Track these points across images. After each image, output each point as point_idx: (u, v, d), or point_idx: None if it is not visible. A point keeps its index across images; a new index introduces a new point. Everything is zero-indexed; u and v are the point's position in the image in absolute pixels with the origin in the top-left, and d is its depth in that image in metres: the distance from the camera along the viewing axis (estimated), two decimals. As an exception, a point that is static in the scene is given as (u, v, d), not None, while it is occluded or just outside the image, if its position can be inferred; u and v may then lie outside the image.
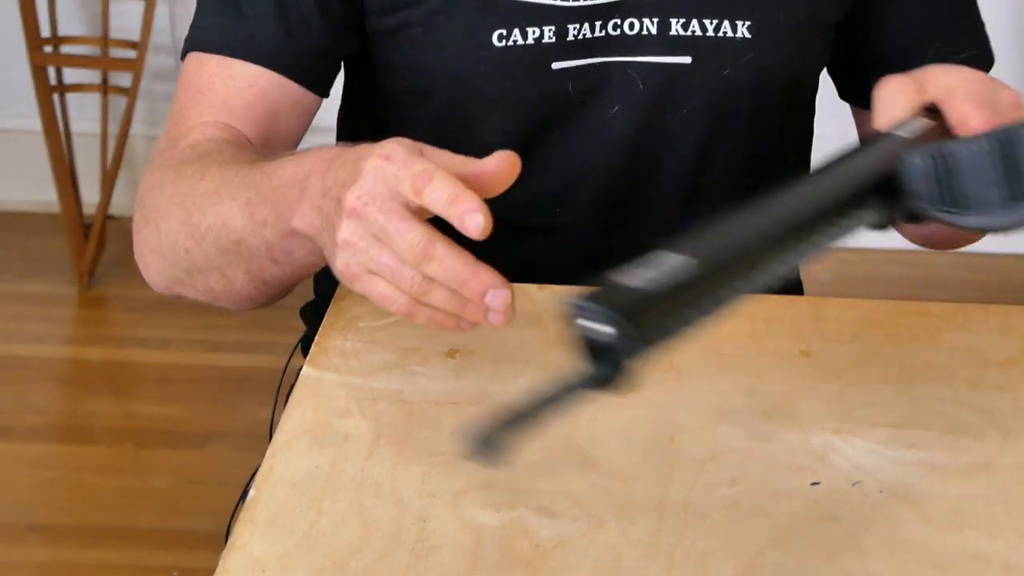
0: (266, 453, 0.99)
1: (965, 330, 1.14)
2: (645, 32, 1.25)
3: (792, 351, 1.11)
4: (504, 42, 1.24)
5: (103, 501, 2.36)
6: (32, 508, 2.35)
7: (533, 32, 1.24)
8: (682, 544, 0.91)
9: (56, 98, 2.90)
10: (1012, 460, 0.99)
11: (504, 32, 1.24)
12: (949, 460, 0.99)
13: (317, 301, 1.40)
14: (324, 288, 1.33)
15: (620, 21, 1.25)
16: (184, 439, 2.49)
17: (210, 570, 0.90)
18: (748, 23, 1.26)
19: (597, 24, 1.24)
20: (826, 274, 1.36)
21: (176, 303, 2.96)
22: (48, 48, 2.90)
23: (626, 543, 0.91)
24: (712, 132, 1.28)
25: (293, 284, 1.13)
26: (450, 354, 1.09)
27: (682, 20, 1.25)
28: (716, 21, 1.25)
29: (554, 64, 1.25)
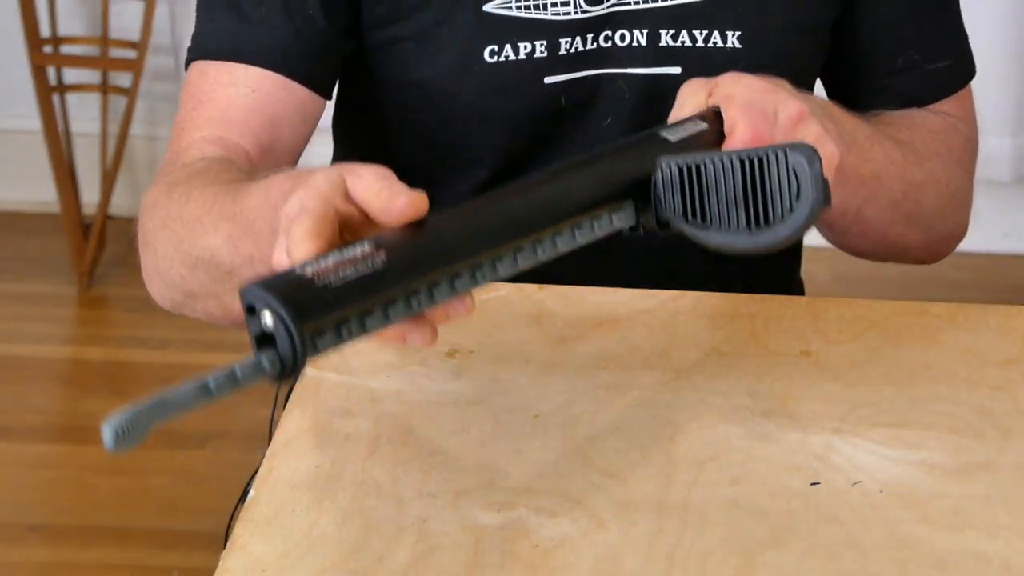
0: (266, 453, 0.99)
1: (965, 330, 1.14)
2: (635, 44, 1.25)
3: (792, 351, 1.11)
4: (496, 58, 1.23)
5: (103, 501, 2.36)
6: (32, 508, 2.35)
7: (525, 47, 1.23)
8: (682, 544, 0.90)
9: (56, 98, 2.90)
10: (1012, 460, 0.99)
11: (496, 48, 1.23)
12: (949, 460, 0.99)
13: None
14: None
15: (611, 33, 1.24)
16: (184, 439, 2.49)
17: (210, 570, 0.90)
18: (738, 33, 1.25)
19: (589, 37, 1.24)
20: (826, 274, 1.35)
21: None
22: (48, 48, 2.90)
23: (626, 543, 0.91)
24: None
25: None
26: (450, 354, 1.09)
27: (671, 31, 1.25)
28: (706, 32, 1.25)
29: (547, 78, 1.24)
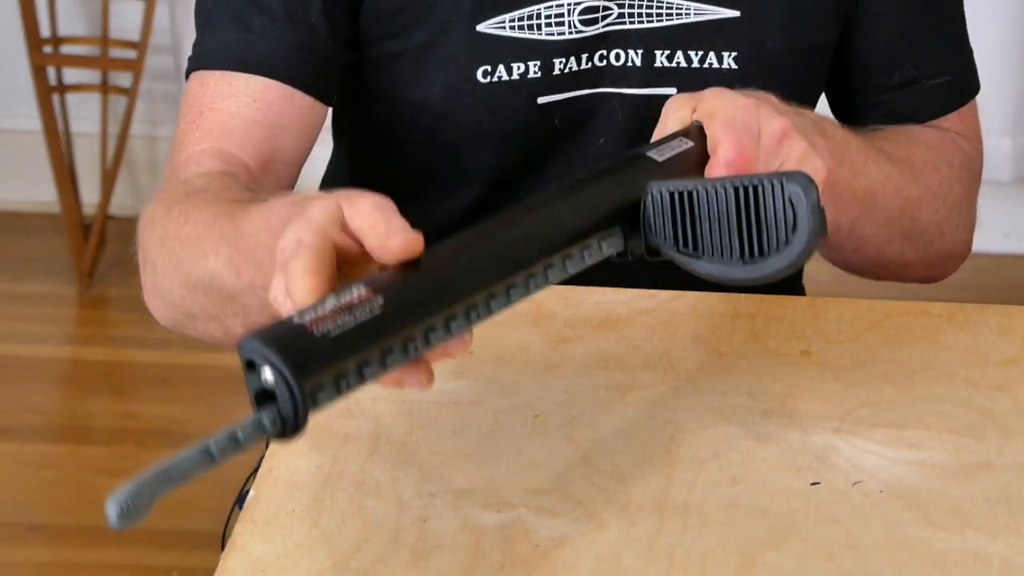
0: (266, 453, 0.99)
1: (965, 330, 1.14)
2: (630, 64, 1.24)
3: (792, 351, 1.11)
4: (489, 78, 1.23)
5: (103, 501, 2.35)
6: (32, 508, 2.35)
7: (518, 68, 1.23)
8: (682, 544, 0.91)
9: (56, 98, 2.90)
10: (1012, 460, 0.99)
11: (488, 68, 1.22)
12: (949, 460, 0.99)
13: None
14: None
15: (606, 52, 1.24)
16: (184, 439, 2.47)
17: (210, 570, 0.90)
18: (734, 54, 1.24)
19: (583, 56, 1.23)
20: (826, 274, 1.35)
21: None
22: (48, 48, 2.90)
23: (626, 543, 0.91)
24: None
25: None
26: (450, 354, 1.09)
27: (667, 52, 1.24)
28: (701, 52, 1.24)
29: (540, 99, 1.24)
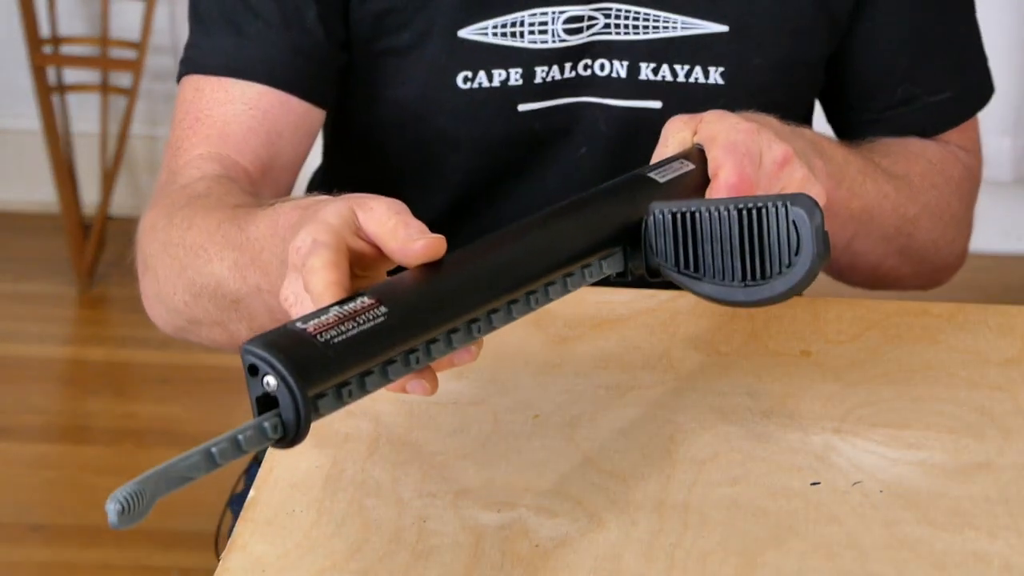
0: (266, 453, 0.99)
1: (965, 330, 1.14)
2: (615, 75, 1.23)
3: (792, 351, 1.11)
4: (469, 84, 1.22)
5: (103, 501, 2.34)
6: (32, 508, 2.35)
7: (499, 75, 1.22)
8: (682, 544, 0.91)
9: (56, 98, 2.90)
10: (1012, 460, 0.99)
11: (469, 74, 1.22)
12: (949, 460, 0.99)
13: None
14: None
15: (591, 62, 1.23)
16: (184, 439, 2.49)
17: (210, 570, 0.90)
18: (721, 69, 1.23)
19: (567, 66, 1.22)
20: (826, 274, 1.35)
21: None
22: (48, 48, 2.90)
23: (626, 543, 0.91)
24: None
25: None
26: (450, 354, 1.09)
27: (652, 64, 1.23)
28: (687, 67, 1.23)
29: (520, 106, 1.23)
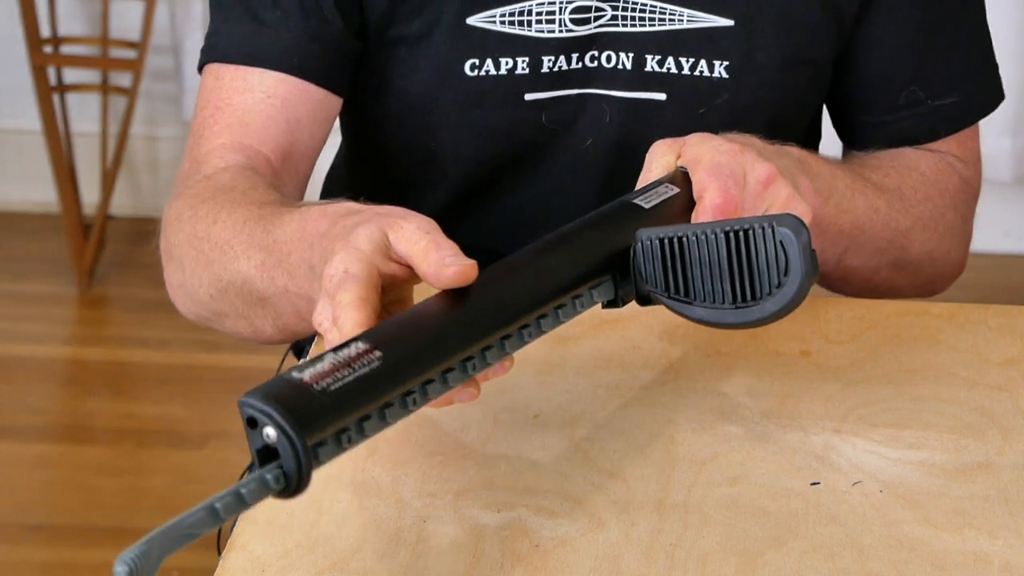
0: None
1: (965, 330, 1.14)
2: (621, 66, 1.23)
3: (792, 351, 1.11)
4: (476, 72, 1.22)
5: (103, 501, 2.36)
6: (32, 508, 2.35)
7: (506, 63, 1.22)
8: (682, 544, 0.91)
9: (56, 98, 2.90)
10: (1012, 460, 0.99)
11: (476, 62, 1.22)
12: (949, 460, 0.99)
13: None
14: None
15: (597, 53, 1.23)
16: (184, 439, 2.49)
17: (210, 570, 0.90)
18: (726, 63, 1.23)
19: (573, 56, 1.23)
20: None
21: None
22: (48, 48, 2.90)
23: (626, 543, 0.91)
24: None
25: None
26: (450, 354, 1.09)
27: (658, 57, 1.23)
28: (692, 60, 1.23)
29: (527, 95, 1.23)
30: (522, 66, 1.22)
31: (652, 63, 1.23)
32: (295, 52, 1.21)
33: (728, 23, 1.23)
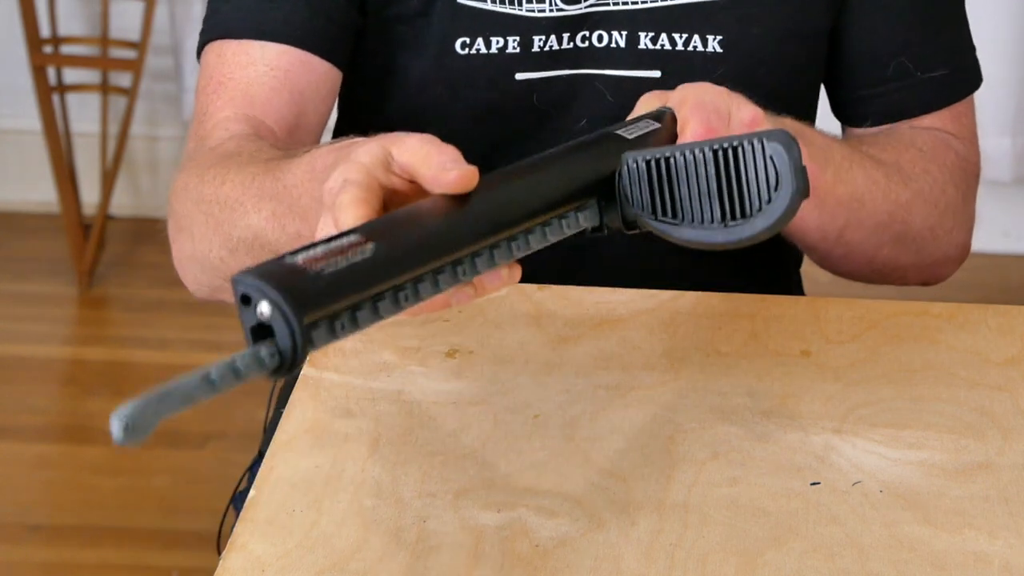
0: (266, 453, 0.99)
1: (965, 330, 1.14)
2: (614, 45, 1.24)
3: (792, 351, 1.11)
4: (467, 50, 1.23)
5: (103, 501, 2.36)
6: (32, 508, 2.35)
7: (497, 41, 1.23)
8: (682, 544, 0.91)
9: (56, 98, 2.90)
10: (1012, 460, 0.99)
11: (467, 40, 1.23)
12: (949, 460, 0.99)
13: None
14: None
15: (589, 33, 1.24)
16: (184, 439, 2.49)
17: (210, 570, 0.90)
18: (720, 38, 1.23)
19: (565, 36, 1.23)
20: (826, 274, 1.35)
21: (176, 303, 2.96)
22: (48, 48, 2.90)
23: (626, 543, 0.91)
24: None
25: None
26: (450, 354, 1.09)
27: (651, 34, 1.24)
28: (686, 36, 1.24)
29: (517, 75, 1.24)
30: (513, 45, 1.23)
31: (646, 40, 1.24)
32: (298, 24, 1.21)
33: None
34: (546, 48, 1.23)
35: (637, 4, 1.23)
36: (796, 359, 1.10)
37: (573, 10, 1.23)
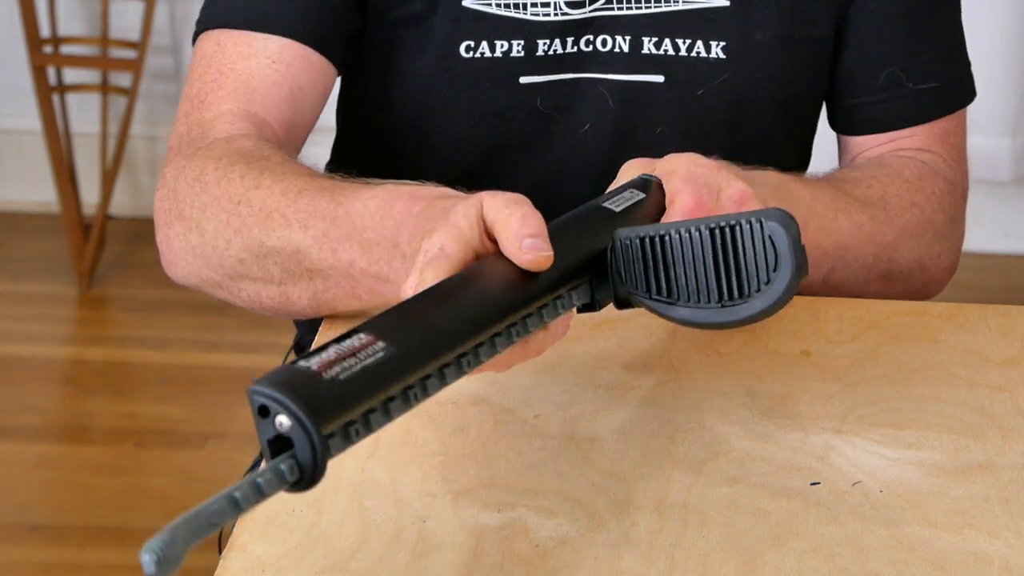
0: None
1: (965, 330, 1.14)
2: (617, 49, 1.24)
3: (792, 351, 1.11)
4: (472, 54, 1.23)
5: (103, 501, 2.36)
6: (32, 508, 2.35)
7: (501, 45, 1.23)
8: (682, 544, 0.91)
9: (56, 98, 2.90)
10: (1012, 460, 0.99)
11: (472, 44, 1.23)
12: (949, 460, 0.99)
13: None
14: None
15: (592, 38, 1.24)
16: (184, 439, 2.49)
17: (210, 570, 0.90)
18: (723, 44, 1.24)
19: (569, 40, 1.23)
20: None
21: (176, 303, 2.95)
22: (48, 48, 2.90)
23: (626, 543, 0.91)
24: (688, 151, 1.26)
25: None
26: (450, 354, 1.09)
27: (654, 39, 1.24)
28: (689, 41, 1.24)
29: (522, 78, 1.24)
30: (517, 49, 1.23)
31: (649, 45, 1.24)
32: (300, 19, 1.21)
33: (724, 3, 1.24)
34: (550, 52, 1.23)
35: (641, 9, 1.24)
36: (796, 359, 1.10)
37: (577, 14, 1.23)
